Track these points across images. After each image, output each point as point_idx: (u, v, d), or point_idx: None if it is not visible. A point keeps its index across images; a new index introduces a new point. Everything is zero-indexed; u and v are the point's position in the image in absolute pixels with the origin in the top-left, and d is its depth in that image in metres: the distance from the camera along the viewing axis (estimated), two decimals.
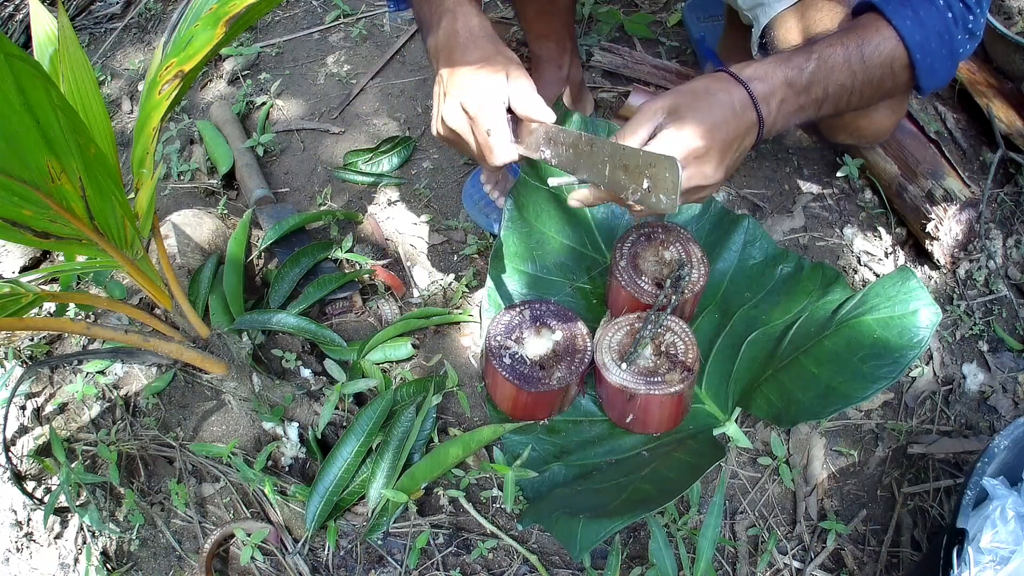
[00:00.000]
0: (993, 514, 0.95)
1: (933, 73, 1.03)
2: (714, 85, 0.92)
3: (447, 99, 0.96)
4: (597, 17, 1.85)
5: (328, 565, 1.15)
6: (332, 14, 1.95)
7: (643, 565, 1.11)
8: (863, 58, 0.99)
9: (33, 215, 0.89)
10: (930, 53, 1.00)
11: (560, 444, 1.17)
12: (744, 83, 0.92)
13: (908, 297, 1.03)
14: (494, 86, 0.94)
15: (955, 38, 1.01)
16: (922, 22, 0.99)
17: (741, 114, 0.92)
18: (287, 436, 1.22)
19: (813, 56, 0.97)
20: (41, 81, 0.75)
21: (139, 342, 1.16)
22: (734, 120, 0.91)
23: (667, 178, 0.81)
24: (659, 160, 0.81)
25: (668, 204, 0.82)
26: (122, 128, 1.84)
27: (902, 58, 1.01)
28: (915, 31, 0.99)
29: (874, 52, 0.99)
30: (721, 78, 0.94)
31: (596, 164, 0.88)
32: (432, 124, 1.02)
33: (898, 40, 0.99)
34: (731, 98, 0.92)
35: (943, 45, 1.00)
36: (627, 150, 0.85)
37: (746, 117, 0.93)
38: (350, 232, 1.51)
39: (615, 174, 0.87)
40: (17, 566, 1.21)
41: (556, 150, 0.93)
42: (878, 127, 1.21)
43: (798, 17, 1.10)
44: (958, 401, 1.28)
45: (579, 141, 0.90)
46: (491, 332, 1.17)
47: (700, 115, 0.89)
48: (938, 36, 1.00)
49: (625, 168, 0.85)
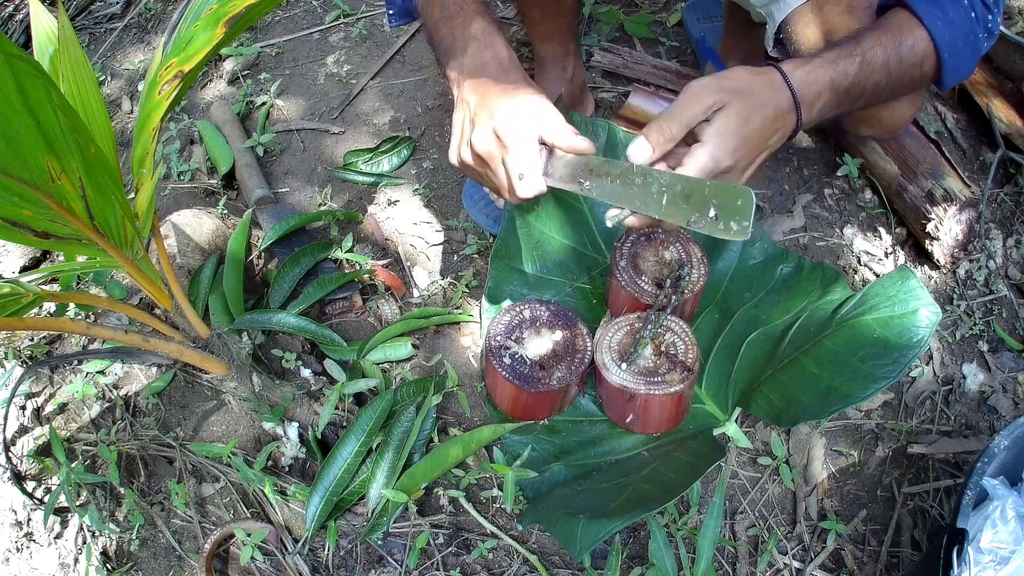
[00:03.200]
0: (993, 514, 0.95)
1: (957, 71, 1.05)
2: (766, 91, 0.92)
3: (478, 125, 0.94)
4: (597, 17, 1.85)
5: (328, 565, 1.15)
6: (332, 14, 1.95)
7: (643, 565, 1.11)
8: (900, 59, 1.01)
9: (33, 215, 0.89)
10: (957, 53, 1.02)
11: (560, 444, 1.17)
12: (793, 90, 0.93)
13: (908, 297, 1.03)
14: (529, 116, 0.93)
15: (977, 36, 1.03)
16: (951, 22, 1.00)
17: (781, 119, 0.93)
18: (287, 436, 1.22)
19: (856, 59, 0.98)
20: (41, 81, 0.75)
21: (139, 342, 1.16)
22: (772, 128, 0.92)
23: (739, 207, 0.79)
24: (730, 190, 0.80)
25: (739, 231, 0.79)
26: (122, 128, 1.84)
27: (931, 57, 1.03)
28: (945, 31, 1.00)
29: (909, 53, 1.01)
30: (773, 82, 0.93)
31: (650, 195, 0.87)
32: (452, 151, 1.00)
33: (929, 40, 1.01)
34: (776, 103, 0.92)
35: (968, 44, 1.02)
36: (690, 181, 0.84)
37: (785, 122, 0.94)
38: (350, 232, 1.51)
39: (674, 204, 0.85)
40: (17, 566, 1.21)
41: (599, 182, 0.91)
42: (900, 117, 1.23)
43: (815, 12, 1.10)
44: (958, 401, 1.28)
45: (629, 172, 0.89)
46: (491, 332, 1.17)
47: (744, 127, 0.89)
48: (964, 36, 1.02)
49: (687, 198, 0.84)
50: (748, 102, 0.91)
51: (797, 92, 0.93)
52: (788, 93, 0.93)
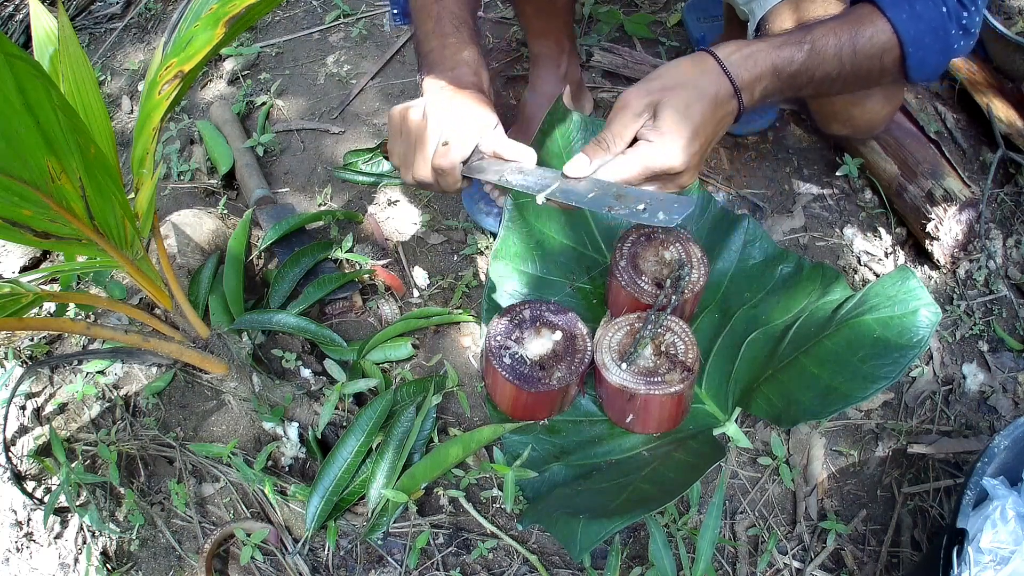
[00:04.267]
0: (993, 514, 0.95)
1: (923, 66, 1.02)
2: (700, 79, 0.91)
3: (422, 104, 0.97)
4: (597, 17, 1.85)
5: (328, 565, 1.15)
6: (332, 14, 1.95)
7: (643, 565, 1.11)
8: (855, 50, 0.98)
9: (33, 215, 0.89)
10: (923, 47, 1.00)
11: (560, 444, 1.17)
12: (729, 74, 0.91)
13: (908, 297, 1.03)
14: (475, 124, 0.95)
15: (949, 33, 1.01)
16: (918, 16, 0.98)
17: (722, 107, 0.91)
18: (287, 436, 1.22)
19: (805, 46, 0.96)
20: (41, 81, 0.75)
21: (139, 342, 1.16)
22: (713, 118, 0.90)
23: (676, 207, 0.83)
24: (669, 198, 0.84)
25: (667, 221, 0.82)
26: (122, 128, 1.84)
27: (894, 50, 1.00)
28: (910, 25, 0.98)
29: (867, 44, 0.99)
30: (707, 68, 0.92)
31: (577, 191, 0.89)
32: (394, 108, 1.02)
33: (892, 33, 0.99)
34: (716, 92, 0.90)
35: (937, 40, 1.00)
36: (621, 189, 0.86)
37: (726, 108, 0.92)
38: (350, 232, 1.51)
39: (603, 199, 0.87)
40: (17, 566, 1.21)
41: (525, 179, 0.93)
42: (872, 117, 1.21)
43: (792, 9, 1.10)
44: (958, 401, 1.28)
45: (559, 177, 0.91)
46: (491, 332, 1.17)
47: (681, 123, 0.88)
48: (932, 31, 0.99)
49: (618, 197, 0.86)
50: (684, 95, 0.89)
51: (734, 77, 0.91)
52: (726, 79, 0.91)
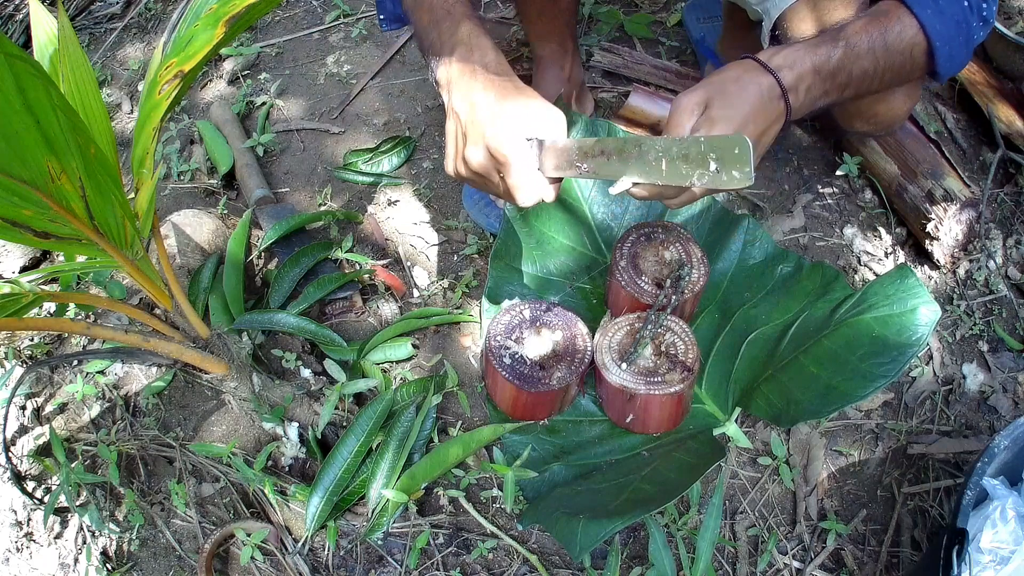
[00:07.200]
0: (993, 514, 0.95)
1: (951, 60, 1.04)
2: (744, 76, 0.93)
3: (470, 141, 0.94)
4: (597, 17, 1.85)
5: (328, 565, 1.15)
6: (332, 14, 1.95)
7: (643, 565, 1.11)
8: (886, 46, 1.00)
9: (33, 215, 0.89)
10: (949, 41, 1.01)
11: (560, 444, 1.17)
12: (773, 72, 0.93)
13: (907, 295, 1.03)
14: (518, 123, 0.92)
15: (971, 25, 1.02)
16: (942, 10, 1.00)
17: (770, 104, 0.93)
18: (287, 436, 1.22)
19: (840, 43, 0.98)
20: (41, 81, 0.75)
21: (139, 342, 1.16)
22: (763, 112, 0.92)
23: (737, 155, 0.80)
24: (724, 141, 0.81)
25: (743, 177, 0.81)
26: (122, 128, 1.84)
27: (921, 45, 1.02)
28: (935, 20, 1.00)
29: (896, 39, 1.00)
30: (751, 68, 0.94)
31: (648, 163, 0.88)
32: (448, 162, 1.00)
33: (918, 28, 1.00)
34: (760, 89, 0.92)
35: (960, 32, 1.02)
36: (685, 140, 0.85)
37: (775, 107, 0.93)
38: (350, 232, 1.51)
39: (674, 166, 0.86)
40: (17, 566, 1.21)
41: (596, 162, 0.92)
42: (895, 112, 1.23)
43: (811, 8, 1.10)
44: (958, 401, 1.28)
45: (625, 146, 0.89)
46: (491, 332, 1.17)
47: (731, 112, 0.90)
48: (956, 24, 1.01)
49: (686, 158, 0.85)
50: (733, 89, 0.91)
51: (779, 76, 0.93)
52: (771, 78, 0.93)
